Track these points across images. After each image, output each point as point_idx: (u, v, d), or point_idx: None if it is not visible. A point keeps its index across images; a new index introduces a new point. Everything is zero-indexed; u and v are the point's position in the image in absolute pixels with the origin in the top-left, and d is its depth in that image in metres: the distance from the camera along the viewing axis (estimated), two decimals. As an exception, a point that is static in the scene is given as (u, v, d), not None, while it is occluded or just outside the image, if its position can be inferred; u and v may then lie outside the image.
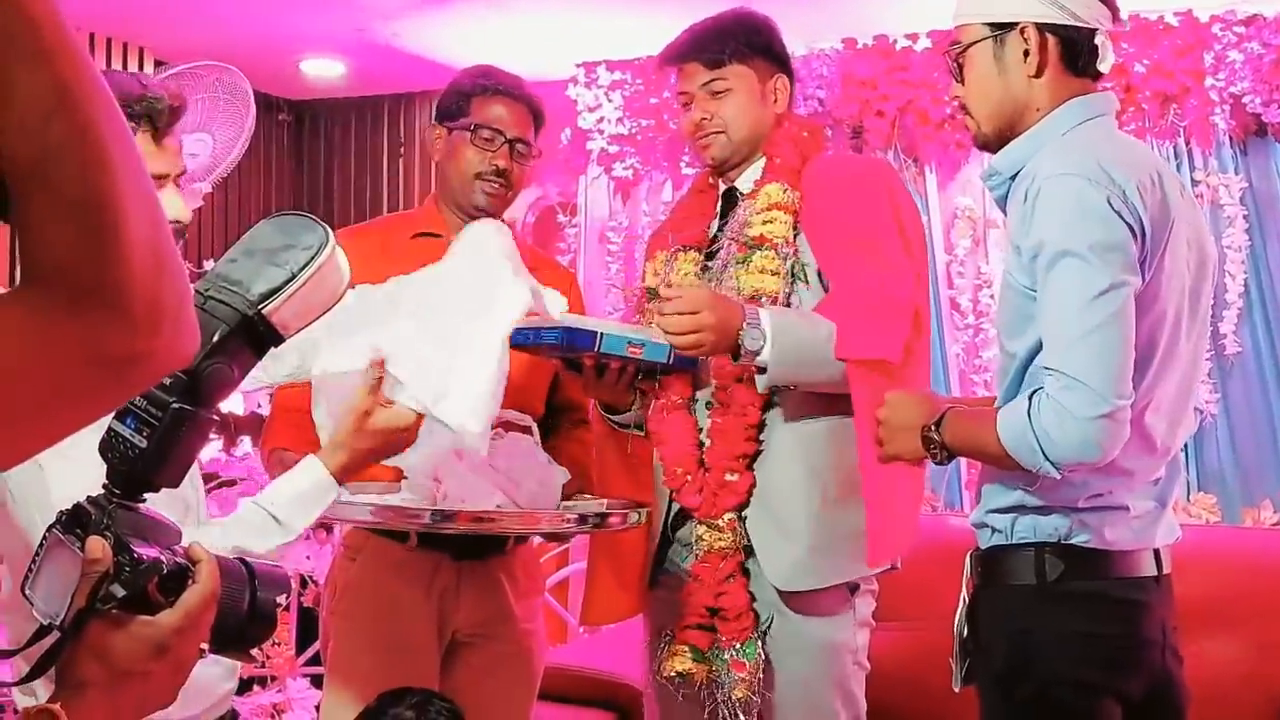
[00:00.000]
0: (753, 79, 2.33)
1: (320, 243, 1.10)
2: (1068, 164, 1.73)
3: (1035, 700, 1.76)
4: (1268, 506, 3.74)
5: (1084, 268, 1.67)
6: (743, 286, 2.24)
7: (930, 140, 4.11)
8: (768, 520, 2.22)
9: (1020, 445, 1.68)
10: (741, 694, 2.16)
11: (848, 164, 2.56)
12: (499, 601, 2.43)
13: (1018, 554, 1.81)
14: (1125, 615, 1.79)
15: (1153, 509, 1.82)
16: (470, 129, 2.41)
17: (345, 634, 2.42)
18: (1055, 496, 1.77)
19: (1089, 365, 1.64)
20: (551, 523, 2.17)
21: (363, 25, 4.20)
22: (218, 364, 1.04)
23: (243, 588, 1.06)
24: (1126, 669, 1.78)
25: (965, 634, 1.89)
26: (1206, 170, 3.82)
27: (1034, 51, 1.82)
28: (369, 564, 2.40)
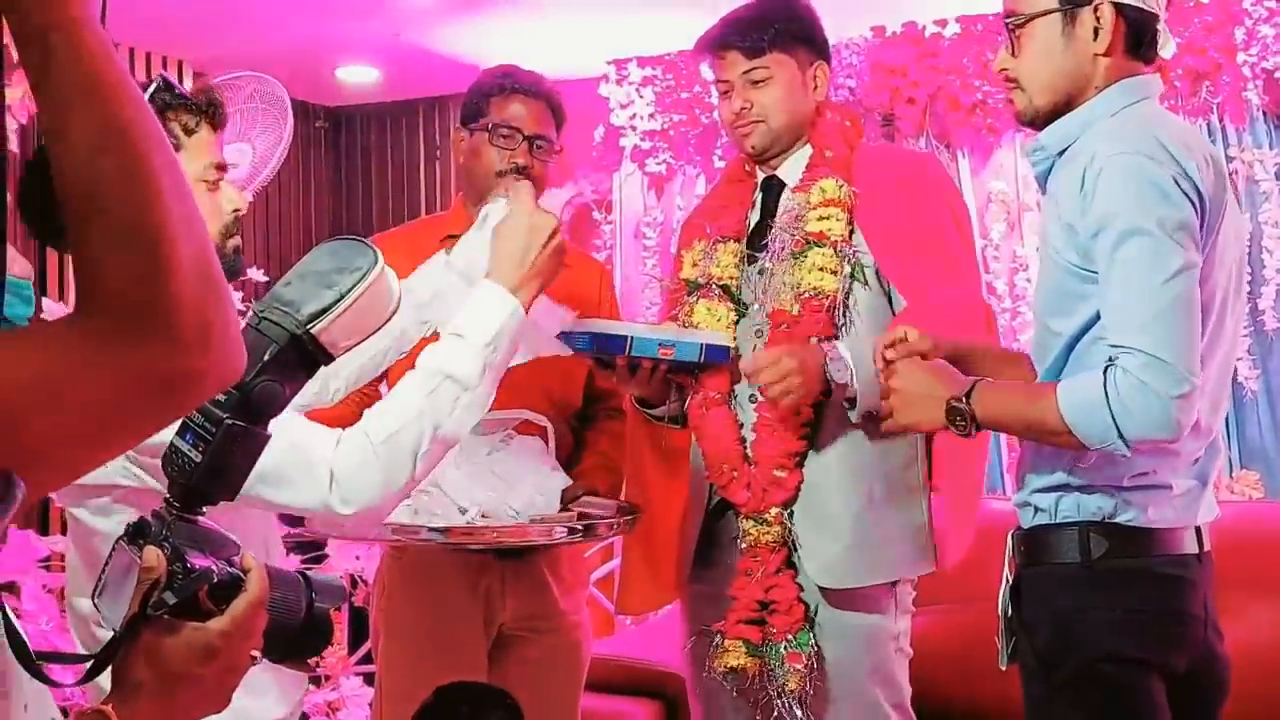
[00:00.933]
0: (793, 67, 2.31)
1: (369, 265, 1.15)
2: (1129, 143, 1.73)
3: (1079, 677, 1.78)
4: (1311, 482, 3.73)
5: (1156, 246, 1.67)
6: (800, 284, 2.23)
7: (962, 126, 4.11)
8: (812, 517, 2.23)
9: (1090, 421, 1.67)
10: (795, 685, 2.18)
11: (898, 159, 2.53)
12: (544, 596, 2.47)
13: (1062, 533, 1.82)
14: (1169, 592, 1.80)
15: (1194, 487, 1.83)
16: (489, 128, 2.44)
17: (394, 632, 2.47)
18: (1099, 476, 1.78)
19: (1171, 343, 1.64)
20: (538, 534, 2.18)
21: (396, 31, 4.25)
22: (268, 381, 1.08)
23: (299, 596, 1.10)
24: (1170, 645, 1.80)
25: (1010, 613, 1.90)
26: (1241, 146, 3.81)
27: (1105, 30, 1.81)
28: (414, 563, 2.44)
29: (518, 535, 2.18)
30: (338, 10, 4.05)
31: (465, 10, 4.03)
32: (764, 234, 2.34)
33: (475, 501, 2.14)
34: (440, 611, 2.41)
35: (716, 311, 2.28)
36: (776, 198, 2.36)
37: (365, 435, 1.59)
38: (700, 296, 2.32)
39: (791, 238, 2.27)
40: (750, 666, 2.20)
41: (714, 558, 2.33)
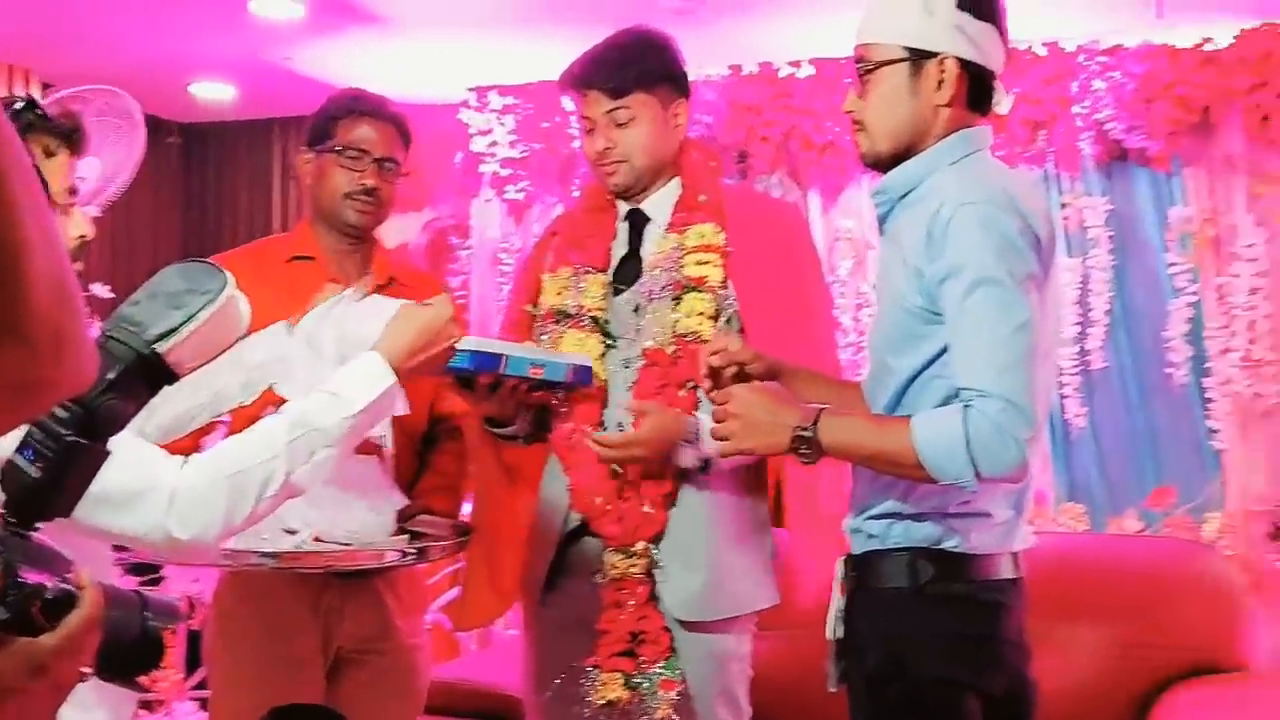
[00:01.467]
0: (656, 106, 2.32)
1: (220, 287, 1.16)
2: (975, 193, 1.79)
3: (905, 698, 1.84)
4: (1131, 516, 3.92)
5: (1006, 295, 1.74)
6: (677, 326, 2.27)
7: (813, 165, 4.24)
8: (673, 552, 2.27)
9: (946, 459, 1.72)
10: (664, 713, 2.22)
11: (767, 208, 2.55)
12: (382, 617, 2.46)
13: (892, 558, 1.88)
14: (989, 616, 1.88)
15: (1012, 516, 1.91)
16: (337, 150, 2.45)
17: (230, 653, 2.43)
18: (927, 504, 1.85)
19: (1022, 391, 1.71)
20: (368, 558, 2.17)
21: (252, 49, 4.21)
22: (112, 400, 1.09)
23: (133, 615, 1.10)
24: (989, 666, 1.88)
25: (840, 635, 1.96)
26: (1074, 193, 4.00)
27: (949, 84, 1.87)
28: (251, 583, 2.41)
29: (347, 560, 2.16)
30: (194, 25, 4.00)
31: (326, 31, 4.01)
32: (629, 267, 2.37)
33: (308, 522, 2.13)
34: (277, 631, 2.39)
35: (586, 343, 2.30)
36: (641, 231, 2.38)
37: (215, 464, 1.58)
38: (570, 326, 2.33)
39: (669, 279, 2.30)
40: (626, 698, 2.23)
41: (566, 586, 2.34)
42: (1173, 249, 3.91)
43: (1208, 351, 3.86)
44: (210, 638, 2.50)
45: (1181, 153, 3.89)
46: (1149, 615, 3.31)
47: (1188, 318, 3.89)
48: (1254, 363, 3.78)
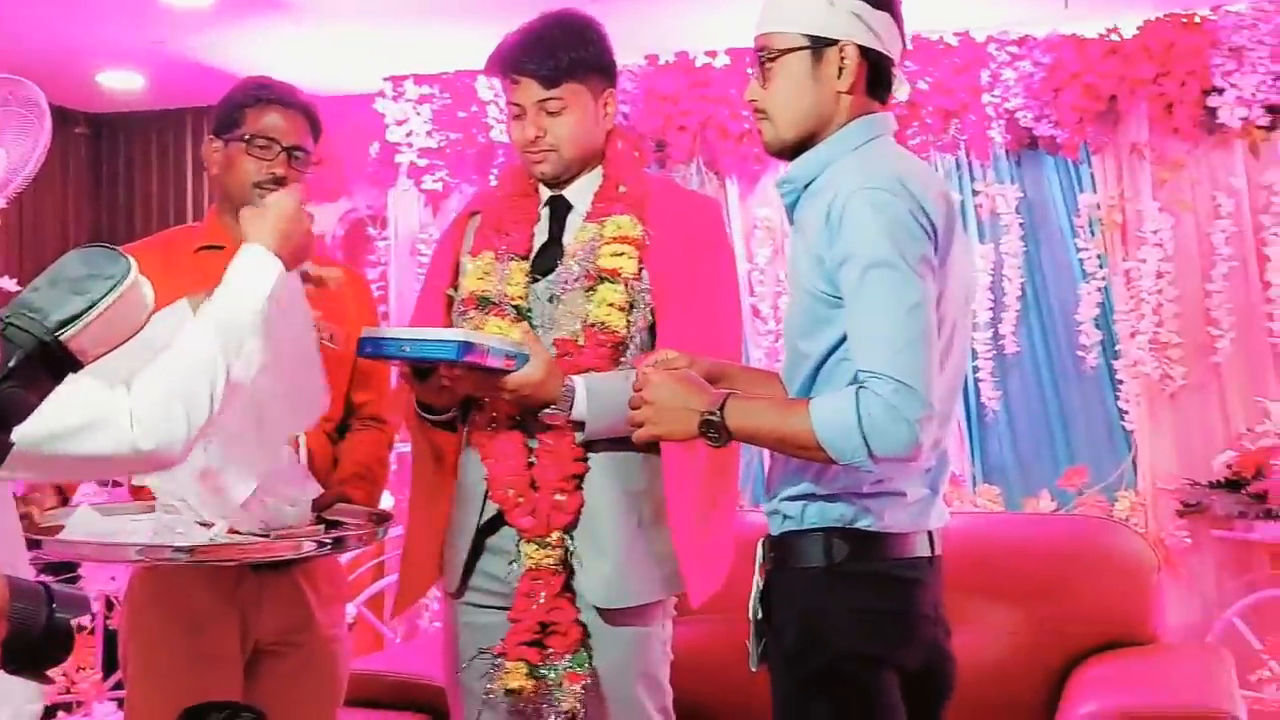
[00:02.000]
0: (587, 96, 2.31)
1: (122, 273, 1.14)
2: (869, 179, 1.83)
3: (823, 674, 1.87)
4: (1045, 496, 4.00)
5: (899, 277, 1.78)
6: (588, 316, 2.27)
7: (730, 154, 4.27)
8: (587, 539, 2.27)
9: (843, 440, 1.76)
10: (571, 705, 2.22)
11: (688, 204, 2.52)
12: (301, 609, 2.45)
13: (808, 538, 1.91)
14: (903, 592, 1.91)
15: (926, 495, 1.95)
16: (245, 139, 2.43)
17: (145, 651, 2.40)
18: (841, 484, 1.88)
19: (914, 372, 1.75)
20: (285, 549, 2.16)
21: (161, 38, 4.14)
22: (13, 388, 1.06)
23: (38, 606, 1.08)
24: (904, 641, 1.91)
25: (759, 616, 1.98)
26: (985, 181, 4.07)
27: (850, 71, 1.91)
28: (165, 577, 2.38)
29: (264, 551, 2.15)
30: (101, 14, 3.93)
31: (235, 20, 3.96)
32: (549, 255, 2.36)
33: (223, 515, 2.11)
34: (192, 626, 2.36)
35: (508, 332, 2.28)
36: (563, 219, 2.38)
37: (162, 379, 1.64)
38: (492, 313, 2.32)
39: (584, 269, 2.29)
40: (530, 688, 2.22)
41: (489, 575, 2.34)
42: (1082, 234, 3.99)
43: (1117, 334, 3.94)
44: (125, 636, 2.47)
45: (1089, 140, 3.97)
46: (1063, 592, 3.38)
47: (1097, 302, 3.98)
48: (1161, 345, 3.88)
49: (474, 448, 2.34)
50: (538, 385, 2.20)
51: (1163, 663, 3.22)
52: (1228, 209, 3.85)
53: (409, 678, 3.33)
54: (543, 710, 2.24)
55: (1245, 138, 3.84)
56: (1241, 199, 3.85)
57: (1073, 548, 3.53)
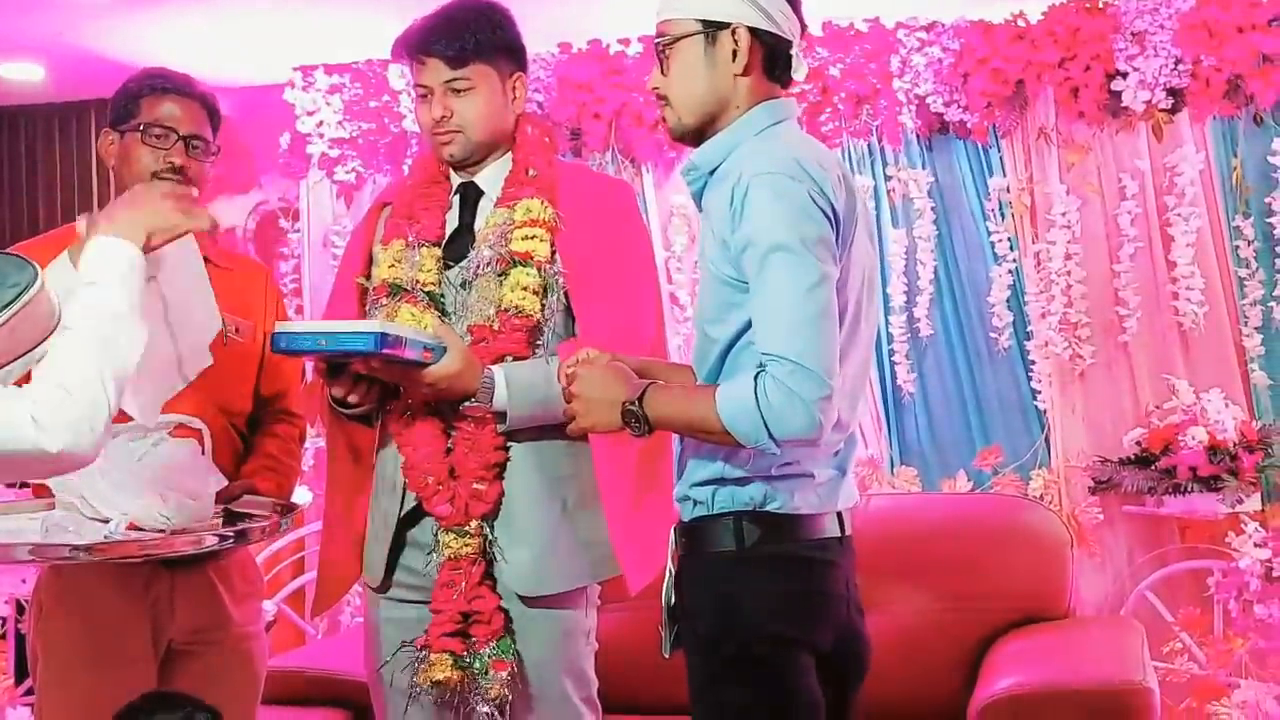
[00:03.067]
0: (495, 78, 2.32)
1: (29, 281, 1.11)
2: (769, 163, 1.85)
3: (738, 657, 1.89)
4: (962, 477, 4.05)
5: (797, 260, 1.80)
6: (502, 301, 2.27)
7: (646, 141, 4.26)
8: (508, 528, 2.27)
9: (744, 423, 1.78)
10: (498, 692, 2.22)
11: (598, 186, 2.55)
12: (215, 607, 2.42)
13: (718, 523, 1.93)
14: (814, 573, 1.94)
15: (834, 476, 1.98)
16: (141, 128, 2.39)
17: (54, 653, 2.36)
18: (751, 467, 1.90)
19: (811, 353, 1.77)
20: (185, 544, 2.14)
21: (60, 28, 4.04)
22: None
23: None
24: (817, 622, 1.93)
25: (673, 602, 2.00)
26: (898, 166, 4.10)
27: (743, 53, 1.93)
28: (73, 578, 2.34)
29: (164, 547, 2.12)
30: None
31: (136, 10, 3.87)
32: (461, 241, 2.35)
33: (123, 511, 2.07)
34: (102, 627, 2.32)
35: (421, 319, 2.27)
36: (474, 205, 2.37)
37: (55, 380, 1.63)
38: (404, 301, 2.30)
39: (496, 254, 2.29)
40: (455, 678, 2.22)
41: (410, 569, 2.33)
42: (993, 218, 4.04)
43: (1028, 315, 4.00)
44: (33, 640, 2.42)
45: (998, 125, 4.01)
46: (979, 570, 3.45)
47: (1009, 284, 4.02)
48: (1071, 325, 3.94)
49: (391, 437, 2.32)
50: (455, 377, 2.19)
51: (1077, 637, 3.29)
52: (1133, 190, 3.91)
53: (330, 673, 3.31)
54: (471, 700, 2.23)
55: (1148, 120, 3.90)
56: (1146, 181, 3.91)
57: (989, 526, 3.59)
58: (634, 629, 2.66)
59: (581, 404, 1.94)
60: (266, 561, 4.10)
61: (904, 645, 3.24)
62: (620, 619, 2.80)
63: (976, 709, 2.92)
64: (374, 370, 2.20)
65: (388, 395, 2.31)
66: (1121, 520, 3.90)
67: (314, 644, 4.08)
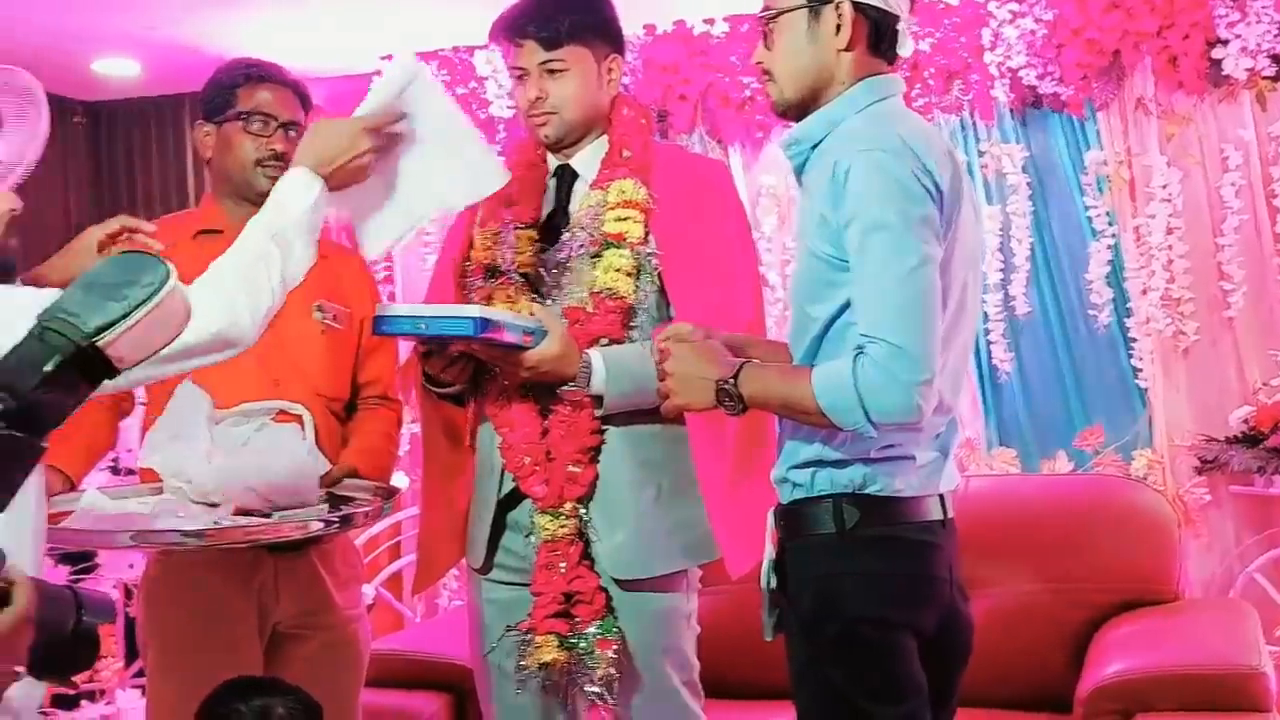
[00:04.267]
0: (589, 59, 2.31)
1: (161, 280, 1.12)
2: (873, 140, 1.83)
3: (840, 640, 1.87)
4: (1062, 457, 3.97)
5: (898, 240, 1.77)
6: (595, 283, 2.26)
7: (733, 122, 4.23)
8: (602, 511, 2.27)
9: (841, 406, 1.76)
10: (605, 671, 2.22)
11: (693, 166, 2.55)
12: (319, 592, 2.44)
13: (818, 505, 1.91)
14: (916, 556, 1.91)
15: (936, 458, 1.94)
16: (243, 116, 2.40)
17: (163, 640, 2.40)
18: (850, 450, 1.87)
19: (911, 335, 1.74)
20: (292, 530, 2.16)
21: (153, 24, 4.11)
22: (50, 393, 1.05)
23: (67, 612, 1.07)
24: (919, 605, 1.91)
25: (773, 585, 1.98)
26: (991, 141, 4.02)
27: (846, 27, 1.91)
28: (180, 565, 2.38)
29: (271, 532, 2.15)
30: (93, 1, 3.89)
31: (228, 3, 3.92)
32: (556, 224, 2.35)
33: (229, 496, 2.09)
34: (210, 613, 2.36)
35: (517, 301, 2.28)
36: (569, 188, 2.37)
37: (221, 275, 1.83)
38: (500, 283, 2.31)
39: (589, 236, 2.28)
40: (561, 660, 2.23)
41: (511, 552, 2.33)
42: (1090, 192, 3.95)
43: (1128, 292, 3.90)
44: (143, 624, 2.46)
45: (1094, 97, 3.92)
46: (1084, 552, 3.37)
47: (1107, 260, 3.93)
48: (1173, 301, 3.84)
49: (488, 418, 2.33)
50: (555, 360, 2.19)
51: (1187, 620, 3.20)
52: (1236, 162, 3.80)
53: (430, 657, 3.34)
54: (578, 680, 2.24)
55: (1251, 89, 3.79)
56: (1250, 151, 3.80)
57: (1092, 507, 3.52)
58: (736, 612, 2.64)
59: (675, 382, 1.93)
60: (364, 546, 4.14)
61: (1008, 629, 3.18)
62: (722, 602, 2.78)
63: (1085, 694, 2.86)
64: (476, 354, 2.21)
65: (481, 375, 2.32)
66: (1229, 501, 3.80)
67: (413, 627, 4.12)
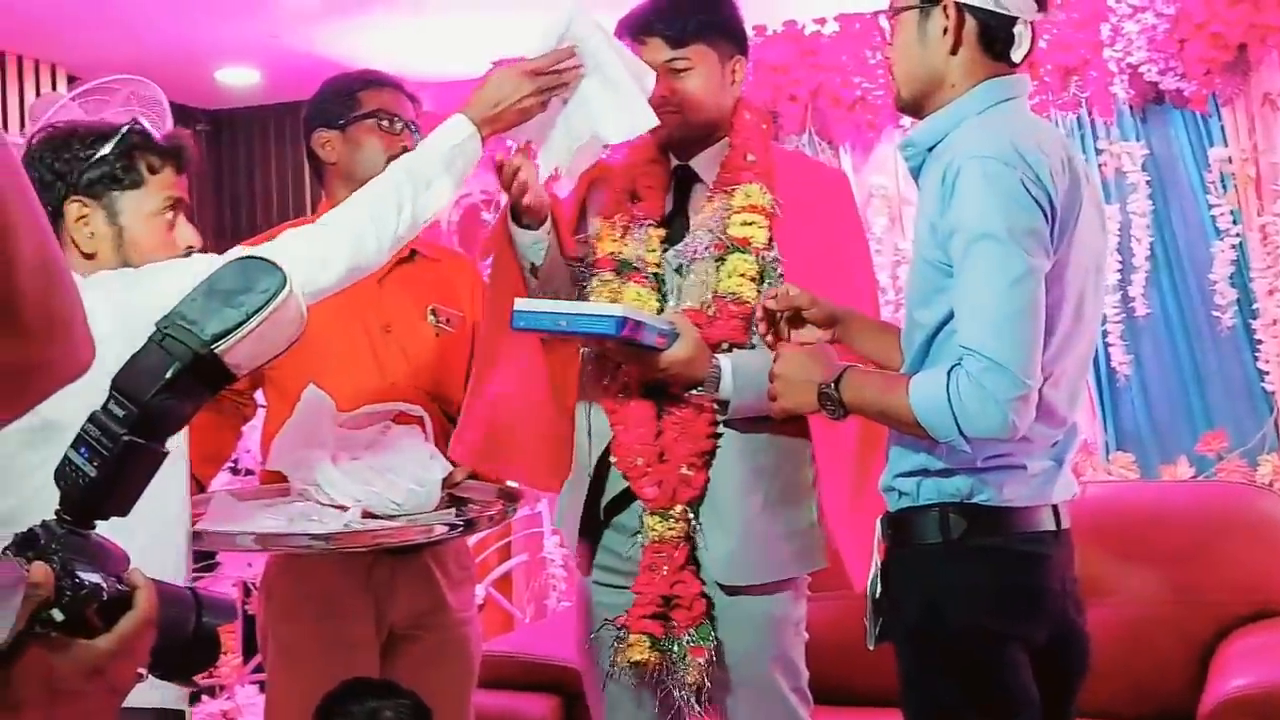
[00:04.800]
0: (714, 59, 2.29)
1: (277, 286, 1.14)
2: (984, 146, 1.80)
3: (947, 651, 1.85)
4: (1183, 463, 3.86)
5: (1002, 251, 1.74)
6: (719, 287, 2.25)
7: (843, 122, 4.19)
8: (712, 516, 2.26)
9: (935, 418, 1.75)
10: (695, 678, 2.21)
11: (817, 174, 2.53)
12: (433, 593, 2.47)
13: (925, 514, 1.89)
14: (1026, 567, 1.88)
15: (1050, 468, 1.90)
16: (374, 116, 2.44)
17: (285, 638, 2.45)
18: (955, 459, 1.85)
19: (1009, 349, 1.72)
20: (417, 534, 2.20)
21: (275, 32, 4.20)
22: (169, 400, 1.07)
23: (188, 614, 1.09)
24: (1030, 617, 1.87)
25: (878, 594, 1.97)
26: (1109, 139, 3.93)
27: (951, 30, 1.89)
28: (301, 564, 2.43)
29: (398, 536, 2.18)
30: (217, 11, 4.00)
31: (344, 12, 4.00)
32: (675, 224, 2.34)
33: (355, 498, 2.14)
34: (330, 611, 2.40)
35: (647, 299, 2.27)
36: (688, 188, 2.36)
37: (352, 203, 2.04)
38: (630, 279, 2.30)
39: (713, 238, 2.27)
40: (653, 661, 2.22)
41: (614, 552, 2.33)
42: (1213, 190, 3.83)
43: (1254, 292, 3.78)
44: (263, 621, 2.52)
45: (1218, 92, 3.81)
46: (1207, 561, 3.28)
47: (1232, 259, 3.81)
48: (1302, 301, 3.72)
49: (598, 404, 2.31)
50: (687, 363, 2.19)
51: (1315, 633, 3.10)
52: (1369, 157, 3.67)
53: (541, 659, 3.36)
54: (667, 683, 2.23)
55: (1386, 82, 3.65)
56: (1384, 146, 3.67)
57: (1216, 515, 3.42)
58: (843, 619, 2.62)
59: (781, 384, 1.94)
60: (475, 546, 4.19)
61: (1127, 641, 3.11)
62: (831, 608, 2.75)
63: (1209, 708, 2.78)
64: (608, 351, 2.22)
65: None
66: (1361, 509, 3.66)
67: (523, 628, 4.16)
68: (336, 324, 2.39)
